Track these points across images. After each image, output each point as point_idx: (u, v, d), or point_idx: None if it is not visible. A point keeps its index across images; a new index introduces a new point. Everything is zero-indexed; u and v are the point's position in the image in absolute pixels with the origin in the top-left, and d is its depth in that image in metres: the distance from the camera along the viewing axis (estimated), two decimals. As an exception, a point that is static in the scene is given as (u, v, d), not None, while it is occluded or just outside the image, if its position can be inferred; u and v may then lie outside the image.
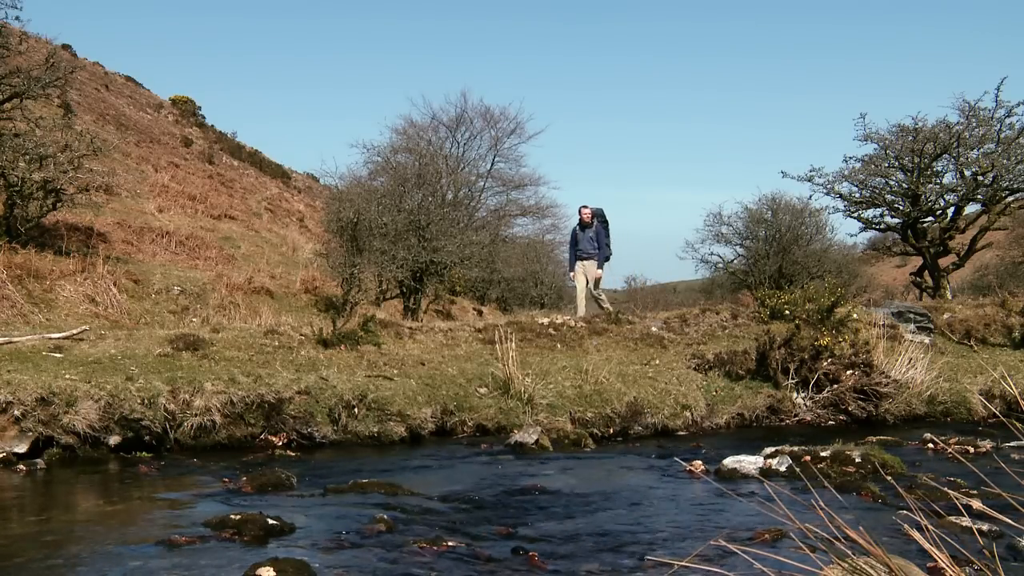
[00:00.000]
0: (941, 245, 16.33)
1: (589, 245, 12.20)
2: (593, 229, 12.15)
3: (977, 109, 15.46)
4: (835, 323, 8.46)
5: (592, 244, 12.20)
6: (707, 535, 3.94)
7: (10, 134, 12.24)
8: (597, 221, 12.29)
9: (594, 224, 12.21)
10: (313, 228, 26.07)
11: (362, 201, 15.12)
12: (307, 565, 3.25)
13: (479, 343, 8.72)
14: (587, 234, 12.18)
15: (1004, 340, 10.37)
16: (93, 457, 5.73)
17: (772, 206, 21.55)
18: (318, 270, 17.21)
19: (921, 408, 8.39)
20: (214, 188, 25.51)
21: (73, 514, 4.47)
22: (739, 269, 22.34)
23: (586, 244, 12.23)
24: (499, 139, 29.64)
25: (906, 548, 3.33)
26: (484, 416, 7.15)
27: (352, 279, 14.82)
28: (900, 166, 16.24)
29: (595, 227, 12.18)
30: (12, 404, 5.60)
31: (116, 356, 6.73)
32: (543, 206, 31.78)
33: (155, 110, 34.27)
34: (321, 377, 6.90)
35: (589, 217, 12.24)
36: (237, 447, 6.24)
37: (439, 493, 4.93)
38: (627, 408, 7.56)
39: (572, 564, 3.54)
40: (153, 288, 12.58)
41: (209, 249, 17.58)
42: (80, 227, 14.57)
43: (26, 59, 14.05)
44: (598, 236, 12.20)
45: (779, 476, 5.36)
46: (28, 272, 10.85)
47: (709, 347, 9.10)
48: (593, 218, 12.27)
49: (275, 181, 34.69)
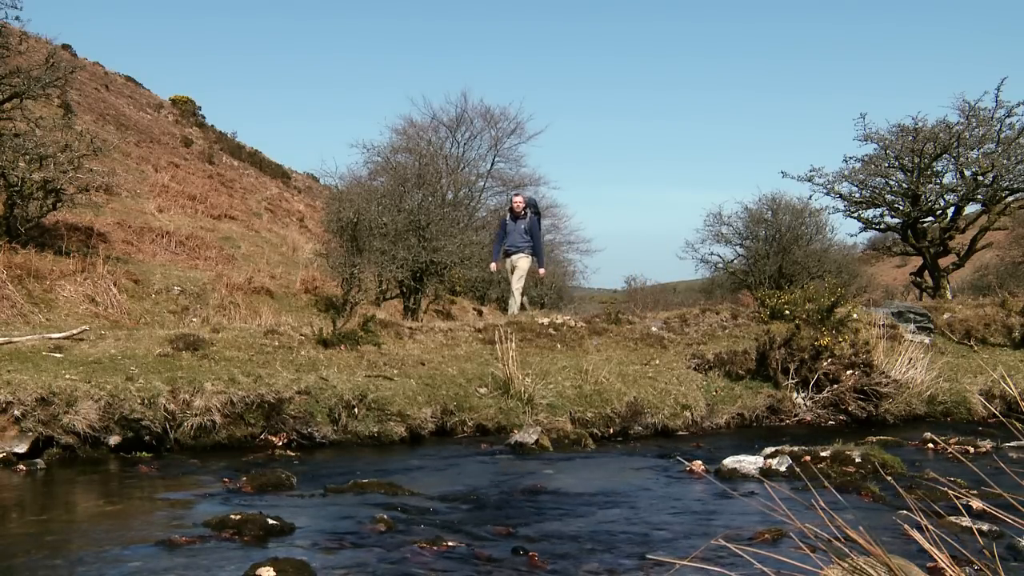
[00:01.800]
0: (941, 245, 16.33)
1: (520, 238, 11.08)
2: (526, 221, 11.06)
3: (977, 109, 15.47)
4: (835, 323, 8.46)
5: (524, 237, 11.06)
6: (707, 535, 3.94)
7: (10, 134, 12.24)
8: (530, 212, 11.20)
9: (527, 216, 11.10)
10: (313, 228, 26.06)
11: (362, 201, 15.12)
12: (307, 565, 3.25)
13: (479, 343, 8.71)
14: (519, 226, 11.06)
15: (1004, 340, 10.37)
16: (93, 457, 5.73)
17: (772, 206, 21.56)
18: (318, 270, 17.20)
19: (921, 408, 8.39)
20: (214, 188, 25.50)
21: (73, 514, 4.47)
22: (739, 269, 22.34)
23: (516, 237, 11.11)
24: (499, 139, 29.66)
25: (906, 548, 3.32)
26: (484, 416, 7.15)
27: (352, 279, 14.82)
28: (900, 166, 16.25)
29: (528, 219, 11.09)
30: (12, 404, 5.60)
31: (116, 356, 6.73)
32: (543, 206, 31.78)
33: (155, 110, 34.26)
34: (321, 377, 6.90)
35: (522, 207, 11.10)
36: (237, 447, 6.24)
37: (439, 493, 4.93)
38: (627, 408, 7.56)
39: (572, 564, 3.54)
40: (153, 288, 12.58)
41: (209, 249, 17.58)
42: (80, 227, 14.57)
43: (26, 59, 14.05)
44: (531, 229, 11.10)
45: (779, 476, 5.36)
46: (28, 272, 10.85)
47: (709, 347, 9.10)
48: (526, 209, 11.16)
49: (275, 181, 34.69)
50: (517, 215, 11.08)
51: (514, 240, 11.12)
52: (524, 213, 11.13)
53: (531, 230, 11.06)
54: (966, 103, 15.55)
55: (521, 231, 11.06)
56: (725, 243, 22.42)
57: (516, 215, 11.09)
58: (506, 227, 11.28)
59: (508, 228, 11.22)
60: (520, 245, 11.06)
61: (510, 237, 11.16)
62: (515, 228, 11.08)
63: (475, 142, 29.52)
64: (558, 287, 28.72)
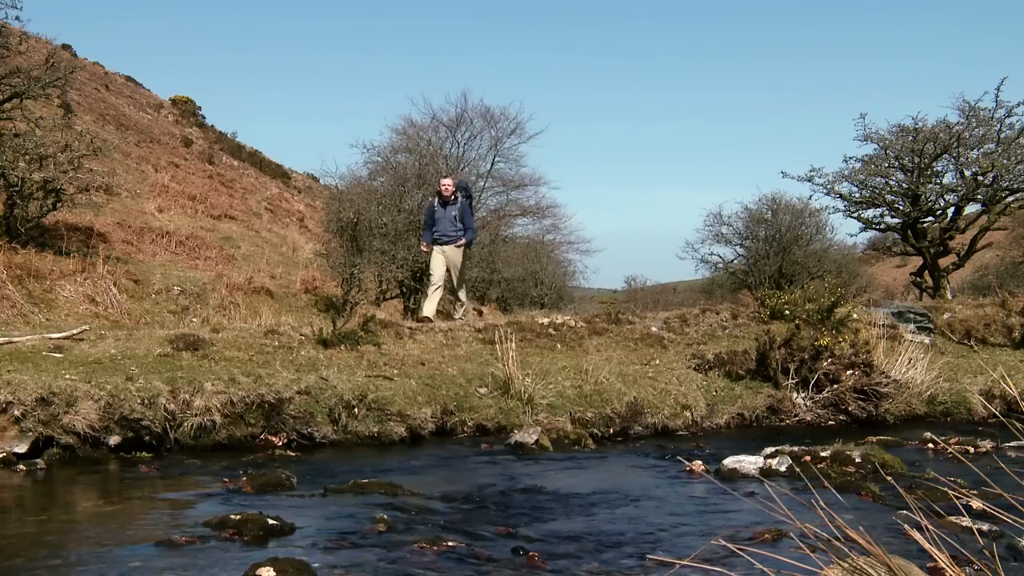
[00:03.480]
0: (941, 245, 16.34)
1: (451, 226, 9.78)
2: (457, 206, 9.79)
3: (977, 109, 15.48)
4: (835, 323, 8.46)
5: (455, 225, 9.76)
6: (707, 535, 3.94)
7: (10, 134, 12.25)
8: (461, 196, 9.95)
9: (458, 200, 9.84)
10: (313, 228, 26.07)
11: (362, 201, 15.13)
12: (307, 565, 3.25)
13: (479, 343, 8.71)
14: (448, 212, 9.78)
15: (1004, 340, 10.37)
16: (93, 457, 5.73)
17: (772, 206, 21.57)
18: (318, 270, 17.22)
19: (921, 408, 8.39)
20: (214, 188, 25.50)
21: (73, 514, 4.47)
22: (739, 269, 22.36)
23: (447, 225, 9.80)
24: (499, 139, 29.64)
25: (906, 548, 3.32)
26: (484, 416, 7.14)
27: (352, 279, 14.83)
28: (900, 166, 16.25)
29: (459, 203, 9.83)
30: (12, 404, 5.60)
31: (116, 356, 6.72)
32: (543, 206, 31.75)
33: (155, 110, 34.26)
34: (321, 377, 6.90)
35: (451, 191, 9.83)
36: (237, 447, 6.24)
37: (439, 493, 4.93)
38: (627, 408, 7.56)
39: (572, 564, 3.54)
40: (153, 288, 12.58)
41: (209, 249, 17.59)
42: (80, 227, 14.57)
43: (26, 59, 14.07)
44: (463, 215, 9.82)
45: (779, 476, 5.36)
46: (28, 272, 10.85)
47: (709, 347, 9.10)
48: (456, 192, 9.90)
49: (275, 181, 34.71)
50: (446, 200, 9.80)
51: (444, 228, 9.84)
52: (455, 198, 9.86)
53: (463, 216, 9.86)
54: (966, 103, 15.56)
55: (452, 218, 9.77)
56: (725, 243, 22.46)
57: (445, 200, 9.81)
58: (434, 213, 9.95)
59: (437, 215, 9.89)
60: (451, 234, 9.79)
61: (439, 225, 9.89)
62: (444, 215, 9.81)
63: (475, 142, 29.52)
64: (558, 287, 28.73)
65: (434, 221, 9.94)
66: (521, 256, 27.25)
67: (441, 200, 9.88)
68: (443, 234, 9.87)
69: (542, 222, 32.34)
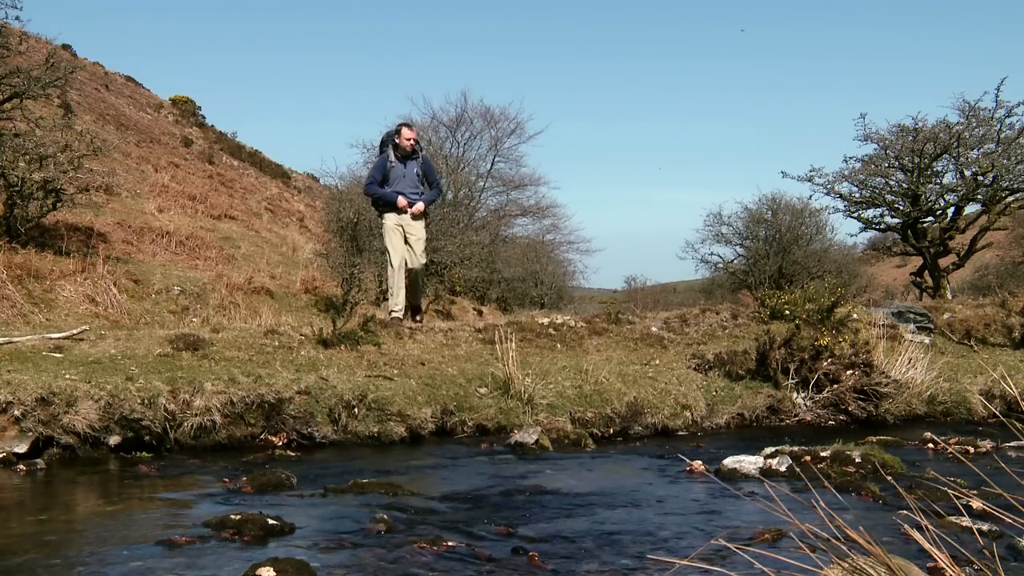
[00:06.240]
0: (941, 245, 16.35)
1: (411, 187, 7.74)
2: (418, 162, 7.84)
3: (977, 109, 15.49)
4: (835, 323, 8.46)
5: (415, 185, 7.75)
6: (707, 535, 3.94)
7: (10, 134, 12.25)
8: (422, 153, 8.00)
9: (419, 156, 7.88)
10: (313, 228, 26.07)
11: (362, 201, 15.13)
12: (307, 565, 3.25)
13: (479, 343, 8.71)
14: (411, 170, 7.74)
15: (1004, 340, 10.37)
16: (93, 457, 5.73)
17: (772, 206, 21.62)
18: (318, 270, 17.22)
19: (921, 408, 8.39)
20: (214, 188, 25.51)
21: (73, 514, 4.47)
22: (739, 269, 22.39)
23: (406, 185, 7.72)
24: (499, 139, 29.70)
25: (906, 548, 3.32)
26: (484, 416, 7.14)
27: (352, 279, 14.83)
28: (900, 166, 16.26)
29: (421, 159, 7.88)
30: (12, 404, 5.60)
31: (116, 356, 6.72)
32: (543, 206, 31.82)
33: (155, 110, 34.26)
34: (321, 377, 6.90)
35: (413, 144, 7.77)
36: (237, 447, 6.24)
37: (439, 493, 4.92)
38: (627, 408, 7.56)
39: (572, 564, 3.54)
40: (153, 288, 12.58)
41: (209, 249, 17.59)
42: (80, 227, 14.57)
43: (26, 59, 14.07)
44: (427, 173, 7.88)
45: (779, 476, 5.36)
46: (28, 272, 10.85)
47: (709, 347, 9.10)
48: (418, 146, 7.91)
49: (275, 181, 34.71)
50: (407, 155, 7.72)
51: (402, 189, 7.75)
52: (417, 153, 7.84)
53: (427, 175, 7.86)
54: (966, 103, 15.57)
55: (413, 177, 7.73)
56: (725, 243, 22.51)
57: (405, 155, 7.71)
58: (387, 172, 7.72)
59: (393, 173, 7.71)
60: (412, 198, 7.77)
61: (396, 185, 7.75)
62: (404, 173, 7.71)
63: (475, 142, 29.58)
64: (558, 287, 28.75)
65: (387, 180, 7.80)
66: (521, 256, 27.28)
67: (401, 154, 7.78)
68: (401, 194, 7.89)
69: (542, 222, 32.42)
